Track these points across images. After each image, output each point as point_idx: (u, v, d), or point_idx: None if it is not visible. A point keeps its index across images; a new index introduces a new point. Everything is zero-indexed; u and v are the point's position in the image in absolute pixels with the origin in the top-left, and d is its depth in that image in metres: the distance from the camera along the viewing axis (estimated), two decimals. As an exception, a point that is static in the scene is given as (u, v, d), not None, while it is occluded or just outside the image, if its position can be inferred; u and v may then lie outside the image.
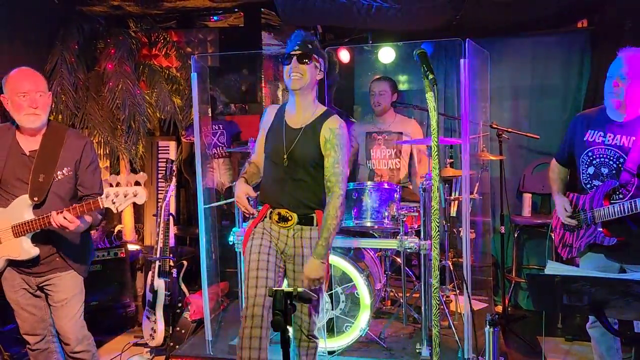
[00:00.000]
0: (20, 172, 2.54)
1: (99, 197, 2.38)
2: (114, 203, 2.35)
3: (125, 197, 2.36)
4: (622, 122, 2.55)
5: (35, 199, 2.51)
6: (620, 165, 2.52)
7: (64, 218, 2.38)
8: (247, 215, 2.63)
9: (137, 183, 2.38)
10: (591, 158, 2.63)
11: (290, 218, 2.48)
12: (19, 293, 2.66)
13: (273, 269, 2.45)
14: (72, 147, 2.63)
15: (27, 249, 2.52)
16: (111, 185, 2.38)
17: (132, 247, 4.58)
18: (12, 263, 2.60)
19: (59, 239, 2.60)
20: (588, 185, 2.66)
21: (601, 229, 2.55)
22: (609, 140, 2.57)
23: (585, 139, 2.66)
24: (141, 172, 2.47)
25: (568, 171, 2.90)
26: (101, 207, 2.39)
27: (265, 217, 2.53)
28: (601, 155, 2.59)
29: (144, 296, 3.90)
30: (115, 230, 5.04)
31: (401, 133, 4.14)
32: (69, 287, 2.67)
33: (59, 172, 2.56)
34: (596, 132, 2.63)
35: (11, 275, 2.64)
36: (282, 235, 2.51)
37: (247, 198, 2.51)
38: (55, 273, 2.63)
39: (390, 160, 4.13)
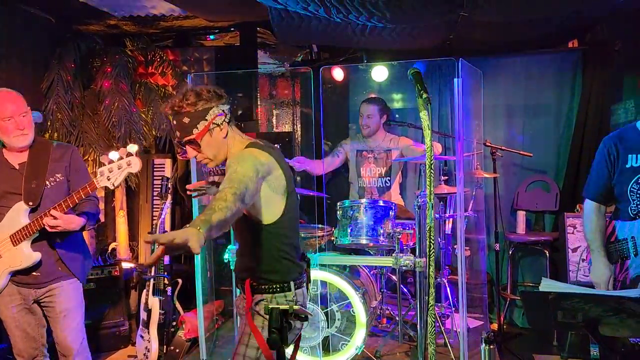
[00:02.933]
0: (11, 184, 2.62)
1: (93, 178, 2.46)
2: (109, 179, 2.42)
3: (119, 169, 2.41)
4: None
5: (30, 203, 2.59)
6: None
7: (52, 217, 2.47)
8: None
9: (129, 155, 2.43)
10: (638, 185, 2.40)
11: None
12: (15, 310, 2.67)
13: None
14: (59, 155, 2.73)
15: (28, 254, 2.58)
16: (103, 165, 2.45)
17: (126, 265, 4.55)
18: (13, 277, 2.63)
19: (60, 245, 2.67)
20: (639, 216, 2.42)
21: None
22: None
23: (629, 165, 2.42)
24: (131, 144, 2.48)
25: (605, 213, 2.56)
26: (97, 187, 2.46)
27: None
28: None
29: (137, 315, 3.87)
30: (109, 248, 5.01)
31: (390, 150, 4.21)
32: (70, 297, 2.72)
33: (50, 179, 2.66)
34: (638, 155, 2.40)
35: (9, 291, 2.65)
36: None
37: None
38: (58, 282, 2.68)
39: (380, 178, 4.18)
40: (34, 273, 2.63)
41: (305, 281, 2.19)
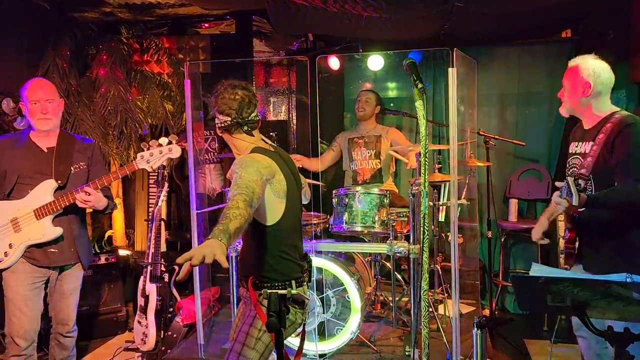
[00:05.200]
0: (40, 165, 2.83)
1: (133, 160, 2.75)
2: (148, 162, 2.72)
3: (160, 153, 2.73)
4: (587, 128, 2.54)
5: (60, 182, 2.80)
6: None
7: (86, 192, 2.71)
8: None
9: (170, 143, 2.77)
10: (567, 169, 2.61)
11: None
12: (29, 288, 2.81)
13: None
14: (84, 148, 2.98)
15: (51, 228, 2.78)
16: (143, 150, 2.75)
17: (122, 252, 4.59)
18: (30, 257, 2.79)
19: (76, 229, 2.90)
20: None
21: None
22: (578, 149, 2.55)
23: (571, 151, 2.64)
24: (171, 134, 2.80)
25: None
26: (135, 168, 2.75)
27: None
28: (572, 165, 2.56)
29: (134, 301, 3.92)
30: (106, 236, 5.04)
31: (380, 136, 4.29)
32: (77, 278, 3.00)
33: (74, 165, 2.88)
34: (573, 143, 2.62)
35: (24, 269, 2.80)
36: None
37: None
38: (68, 266, 2.91)
39: (370, 161, 4.28)
40: (51, 249, 2.81)
41: (306, 279, 2.29)
